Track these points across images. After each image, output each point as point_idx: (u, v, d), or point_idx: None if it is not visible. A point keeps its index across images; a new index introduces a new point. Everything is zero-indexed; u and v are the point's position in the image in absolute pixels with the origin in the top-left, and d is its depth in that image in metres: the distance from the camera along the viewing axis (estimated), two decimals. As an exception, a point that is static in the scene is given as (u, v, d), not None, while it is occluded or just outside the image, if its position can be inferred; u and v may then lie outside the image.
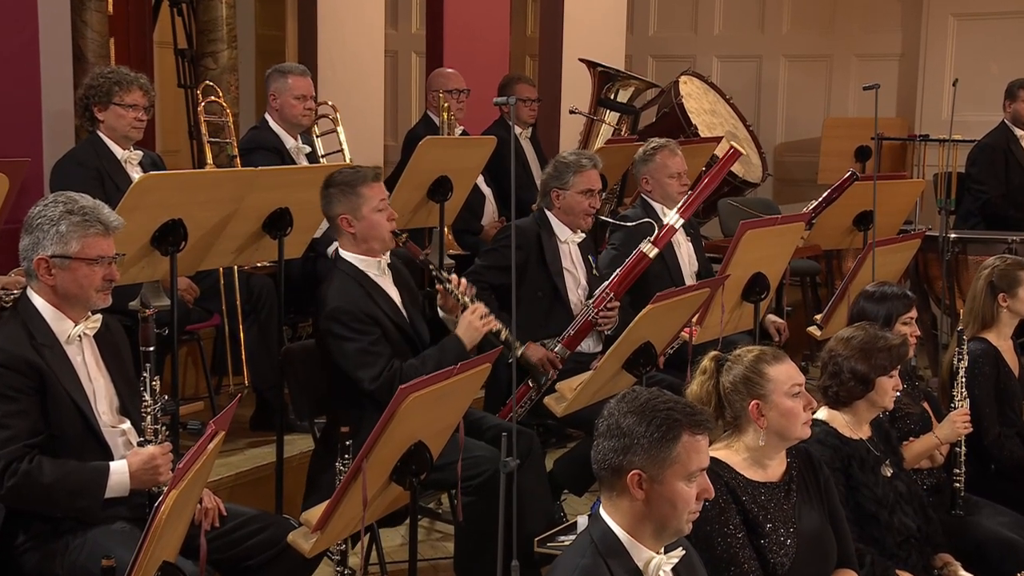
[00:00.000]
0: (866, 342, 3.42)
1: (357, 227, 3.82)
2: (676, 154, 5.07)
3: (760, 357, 2.96)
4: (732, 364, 2.98)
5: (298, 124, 5.22)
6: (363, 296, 3.77)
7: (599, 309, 4.45)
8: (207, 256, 4.04)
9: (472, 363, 3.06)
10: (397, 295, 3.92)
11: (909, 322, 3.98)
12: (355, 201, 3.80)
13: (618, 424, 2.41)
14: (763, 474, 2.96)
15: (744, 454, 2.97)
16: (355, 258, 3.86)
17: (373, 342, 3.72)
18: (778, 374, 2.93)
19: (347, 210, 3.81)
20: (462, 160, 5.18)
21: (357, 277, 3.82)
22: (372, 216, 3.80)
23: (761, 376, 2.93)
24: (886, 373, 3.41)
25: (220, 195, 3.91)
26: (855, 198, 5.65)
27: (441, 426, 3.08)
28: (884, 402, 3.44)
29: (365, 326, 3.72)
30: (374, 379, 3.69)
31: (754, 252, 4.36)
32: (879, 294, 4.02)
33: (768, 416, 2.92)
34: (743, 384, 2.93)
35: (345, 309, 3.72)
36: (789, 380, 2.94)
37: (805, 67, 9.03)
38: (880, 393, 3.41)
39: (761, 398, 2.92)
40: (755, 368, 2.94)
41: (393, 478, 2.91)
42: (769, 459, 2.98)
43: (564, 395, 4.01)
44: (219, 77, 6.24)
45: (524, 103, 6.51)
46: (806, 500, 3.00)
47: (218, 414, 2.75)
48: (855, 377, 3.39)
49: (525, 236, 4.53)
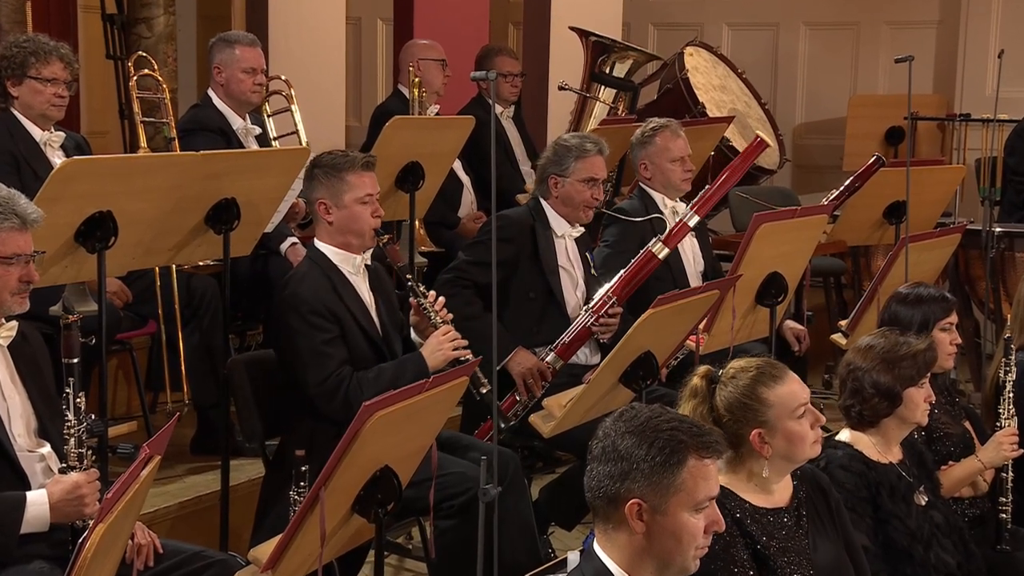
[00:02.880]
0: (887, 350, 3.43)
1: (335, 216, 3.87)
2: (679, 136, 5.08)
3: (757, 380, 2.93)
4: (725, 384, 2.95)
5: (246, 102, 5.20)
6: (328, 290, 3.81)
7: (598, 315, 4.45)
8: (141, 254, 4.03)
9: (447, 376, 3.06)
10: (371, 299, 3.94)
11: (949, 328, 4.00)
12: (338, 187, 3.86)
13: (614, 446, 2.42)
14: (769, 499, 2.97)
15: (748, 480, 2.97)
16: (329, 250, 3.90)
17: (327, 341, 3.75)
18: (779, 398, 2.92)
19: (328, 195, 3.87)
20: (436, 143, 5.19)
21: (328, 270, 3.86)
22: (354, 207, 3.86)
23: (760, 402, 2.91)
24: (914, 383, 3.42)
25: (156, 184, 3.90)
26: (885, 187, 5.67)
27: (411, 448, 3.07)
28: (916, 417, 3.45)
29: (323, 321, 3.75)
30: (318, 383, 3.72)
31: (770, 249, 4.38)
32: (913, 296, 4.04)
33: (773, 444, 2.92)
34: (740, 410, 2.92)
35: (304, 298, 3.75)
36: (793, 402, 2.93)
37: (829, 36, 9.07)
38: (910, 407, 3.43)
39: (763, 425, 2.91)
40: (752, 393, 2.92)
41: (356, 509, 2.91)
42: (775, 483, 2.99)
43: (552, 412, 4.01)
44: (154, 47, 6.22)
45: (506, 78, 6.52)
46: (819, 529, 3.01)
47: (153, 436, 2.75)
48: (879, 392, 3.40)
49: (517, 228, 4.55)
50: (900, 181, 5.27)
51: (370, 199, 3.89)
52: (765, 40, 9.20)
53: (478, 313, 4.41)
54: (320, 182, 3.88)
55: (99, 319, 3.81)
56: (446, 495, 3.61)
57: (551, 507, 4.53)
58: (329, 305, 3.78)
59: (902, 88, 4.76)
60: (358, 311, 3.86)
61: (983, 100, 8.11)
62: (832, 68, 9.01)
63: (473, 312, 4.41)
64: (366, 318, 3.89)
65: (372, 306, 3.94)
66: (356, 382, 3.73)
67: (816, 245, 4.87)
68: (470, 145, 5.48)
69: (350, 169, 3.87)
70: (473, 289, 4.46)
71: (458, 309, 4.45)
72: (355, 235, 3.88)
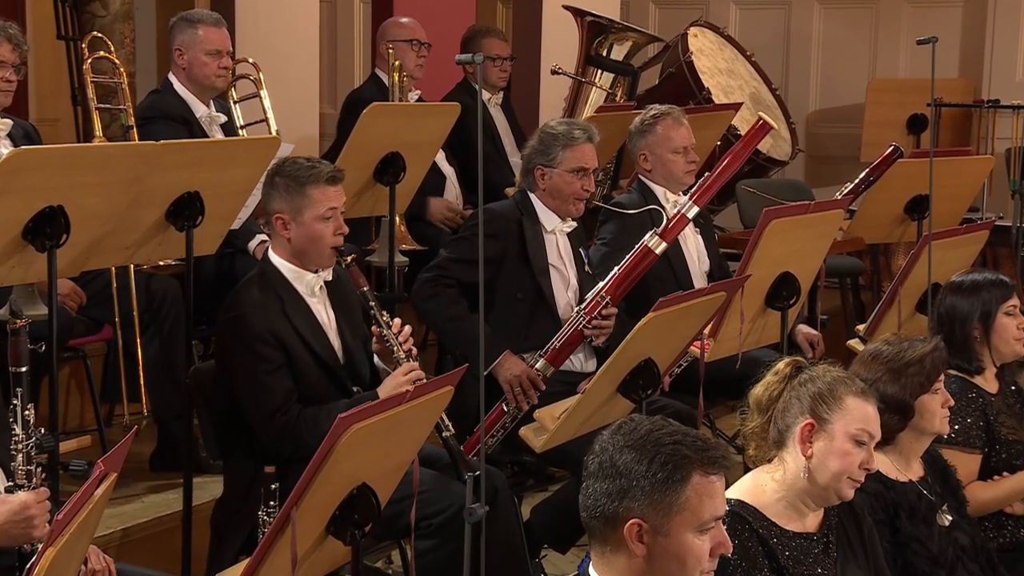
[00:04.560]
0: (891, 359, 3.45)
1: (293, 232, 3.85)
2: (681, 124, 5.09)
3: (845, 380, 3.02)
4: (813, 376, 3.03)
5: (211, 87, 5.20)
6: (276, 312, 3.79)
7: (591, 317, 4.46)
8: (96, 253, 4.03)
9: (430, 386, 3.06)
10: (330, 319, 3.92)
11: (1013, 312, 4.02)
12: (298, 201, 3.83)
13: (612, 462, 2.42)
14: (798, 523, 2.98)
15: (777, 494, 2.98)
16: (284, 265, 3.88)
17: (270, 372, 3.73)
18: (855, 408, 2.98)
19: (287, 209, 3.84)
20: (418, 132, 5.19)
21: (279, 287, 3.84)
22: (314, 225, 3.83)
23: (835, 398, 2.97)
24: (926, 390, 3.44)
25: (112, 176, 3.89)
26: (907, 179, 5.69)
27: (391, 464, 3.07)
28: (934, 427, 3.46)
29: (267, 349, 3.73)
30: (260, 417, 3.70)
31: (781, 247, 4.39)
32: (969, 284, 4.05)
33: (816, 447, 2.94)
34: (809, 397, 2.98)
35: (247, 323, 3.73)
36: (863, 422, 2.98)
37: (845, 15, 9.09)
38: (925, 417, 3.44)
39: (819, 421, 2.95)
40: (833, 388, 2.99)
41: (331, 530, 2.91)
42: (806, 506, 2.99)
43: (545, 425, 4.01)
44: (110, 26, 6.20)
45: (494, 62, 6.53)
46: (850, 557, 3.03)
47: (109, 451, 2.74)
48: (890, 405, 3.40)
49: (503, 223, 4.54)
50: (923, 173, 5.28)
51: (333, 214, 3.85)
52: (776, 20, 9.22)
53: (462, 314, 4.42)
54: (280, 193, 3.85)
55: (50, 324, 3.80)
56: (425, 513, 3.61)
57: (544, 528, 4.53)
58: (276, 330, 3.75)
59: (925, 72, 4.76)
60: (311, 335, 3.83)
61: (1013, 85, 8.14)
62: (849, 50, 9.03)
63: (457, 312, 4.41)
64: (321, 342, 3.85)
65: (331, 327, 3.92)
66: (302, 421, 3.69)
67: (831, 243, 4.88)
68: (455, 134, 5.48)
69: (313, 182, 3.82)
70: (457, 288, 4.46)
71: (441, 310, 4.46)
72: (313, 254, 3.86)
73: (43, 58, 7.57)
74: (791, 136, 7.98)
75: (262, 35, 6.28)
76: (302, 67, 6.56)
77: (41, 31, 7.45)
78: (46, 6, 7.22)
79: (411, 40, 6.22)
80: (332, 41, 9.42)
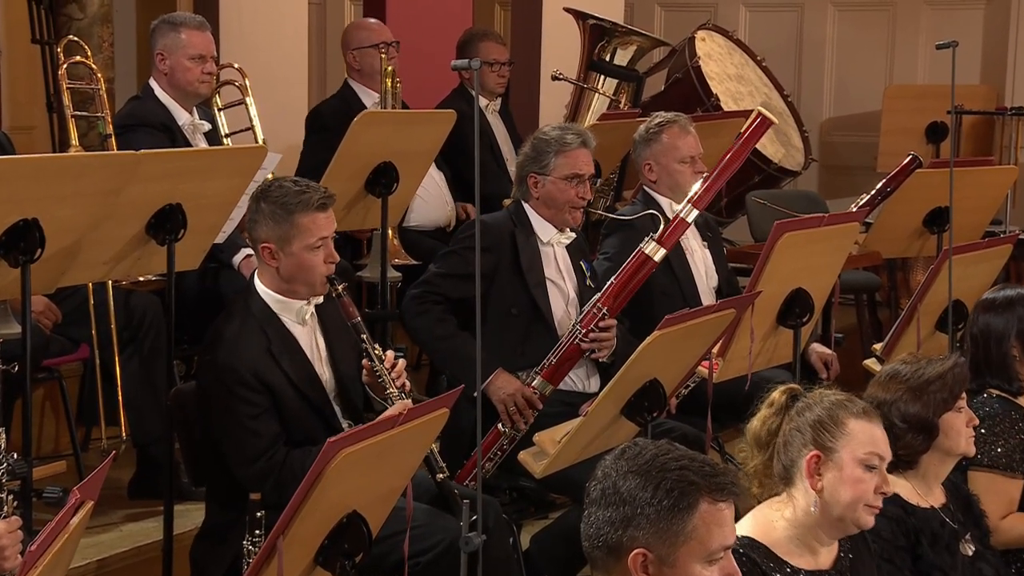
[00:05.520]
0: (910, 377, 3.45)
1: (281, 263, 3.80)
2: (688, 132, 5.09)
3: (844, 404, 3.01)
4: (810, 403, 3.02)
5: (194, 93, 5.21)
6: (261, 351, 3.75)
7: (588, 329, 4.44)
8: (72, 268, 4.03)
9: (424, 408, 3.06)
10: (320, 347, 3.90)
11: None
12: (286, 231, 3.76)
13: (616, 488, 2.42)
14: (810, 560, 2.97)
15: (786, 531, 2.97)
16: (270, 296, 3.84)
17: (255, 416, 3.70)
18: (860, 431, 2.97)
19: (273, 238, 3.78)
20: (411, 140, 5.19)
21: (264, 321, 3.80)
22: (303, 255, 3.78)
23: (836, 424, 2.97)
24: (950, 407, 3.44)
25: (89, 187, 3.89)
26: (926, 190, 5.69)
27: (382, 491, 3.07)
28: (959, 447, 3.46)
29: (251, 393, 3.70)
30: (246, 464, 3.67)
31: (793, 262, 4.39)
32: (1003, 301, 4.05)
33: (825, 478, 2.93)
34: (810, 427, 2.97)
35: (230, 367, 3.70)
36: (870, 445, 2.98)
37: (860, 18, 9.11)
38: (951, 436, 3.44)
39: (825, 451, 2.94)
40: (833, 413, 2.98)
41: (319, 560, 2.90)
42: (819, 542, 2.99)
43: (545, 449, 4.01)
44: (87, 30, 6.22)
45: (491, 67, 6.53)
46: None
47: (85, 478, 2.74)
48: (912, 426, 3.41)
49: (495, 235, 4.53)
50: (943, 184, 5.29)
51: (323, 243, 3.79)
52: (788, 22, 9.24)
53: (451, 332, 4.40)
54: (265, 220, 3.78)
55: (23, 343, 3.80)
56: (415, 550, 3.56)
57: (544, 558, 4.52)
58: (261, 372, 3.72)
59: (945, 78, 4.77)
60: (298, 376, 3.79)
61: (1037, 92, 8.16)
62: (865, 54, 9.05)
63: (445, 331, 4.39)
64: (310, 382, 3.81)
65: (321, 356, 3.89)
66: (290, 465, 3.65)
67: (846, 257, 4.88)
68: (450, 143, 5.48)
69: (302, 210, 3.75)
70: (444, 305, 4.45)
71: (428, 328, 4.45)
72: (303, 284, 3.82)
73: (17, 63, 7.58)
74: (804, 145, 8.00)
75: (248, 39, 6.29)
76: (290, 72, 6.57)
77: (15, 35, 7.46)
78: (20, 8, 7.23)
79: (377, 44, 6.11)
80: (321, 45, 9.43)
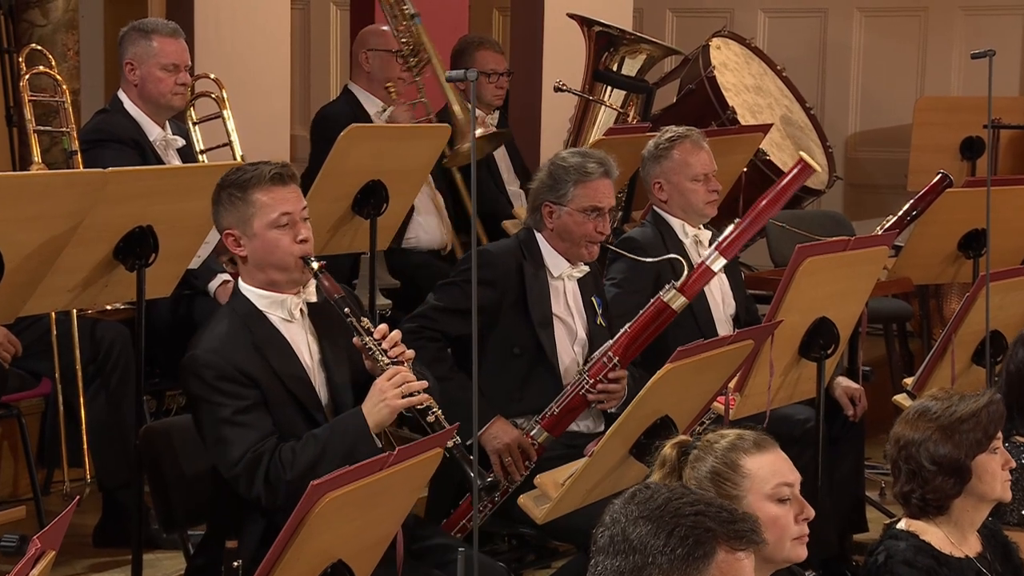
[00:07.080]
0: (941, 415, 3.44)
1: (247, 248, 3.76)
2: (701, 148, 5.11)
3: (736, 445, 2.99)
4: (701, 454, 3.00)
5: (166, 106, 5.23)
6: (246, 347, 3.72)
7: (596, 380, 4.39)
8: (33, 296, 4.03)
9: (415, 448, 3.06)
10: (312, 350, 3.89)
11: None
12: (244, 211, 3.74)
13: (625, 535, 2.41)
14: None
15: None
16: (253, 293, 3.80)
17: (241, 410, 3.65)
18: (759, 468, 2.96)
19: (234, 223, 3.76)
20: (403, 157, 5.20)
21: (249, 320, 3.78)
22: (266, 234, 3.73)
23: (734, 470, 2.96)
24: (984, 448, 3.43)
25: (52, 208, 3.90)
26: (960, 211, 5.70)
27: (371, 539, 3.07)
28: (995, 492, 3.46)
29: (235, 388, 3.66)
30: (233, 463, 3.62)
31: (817, 289, 4.40)
32: None
33: None
34: (710, 481, 2.96)
35: (209, 362, 3.67)
36: (774, 478, 2.97)
37: (889, 25, 9.13)
38: (985, 480, 3.43)
39: (734, 500, 2.93)
40: (727, 459, 2.97)
41: (301, 615, 2.91)
42: None
43: (547, 492, 4.01)
44: (51, 37, 6.23)
45: (489, 78, 6.55)
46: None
47: (47, 525, 2.74)
48: (943, 468, 3.40)
49: (501, 268, 4.52)
50: (978, 204, 5.29)
51: (289, 219, 3.73)
52: (811, 29, 9.26)
53: (446, 373, 4.34)
54: (225, 208, 3.77)
55: (-20, 377, 3.81)
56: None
57: (546, 612, 4.52)
58: (244, 366, 3.68)
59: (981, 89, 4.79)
60: (284, 369, 3.76)
61: (1082, 104, 8.17)
62: (894, 64, 9.07)
63: (440, 372, 4.33)
64: (300, 382, 3.79)
65: (313, 360, 3.86)
66: (279, 457, 3.61)
67: (874, 284, 4.89)
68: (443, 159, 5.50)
69: (256, 186, 3.72)
70: (441, 342, 4.44)
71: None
72: (276, 269, 3.76)
73: (-26, 73, 7.60)
74: (828, 162, 8.00)
75: (225, 47, 6.31)
76: (271, 83, 6.58)
77: (-28, 42, 7.48)
78: (-22, 14, 7.26)
79: (395, 51, 6.23)
80: (305, 54, 9.46)
